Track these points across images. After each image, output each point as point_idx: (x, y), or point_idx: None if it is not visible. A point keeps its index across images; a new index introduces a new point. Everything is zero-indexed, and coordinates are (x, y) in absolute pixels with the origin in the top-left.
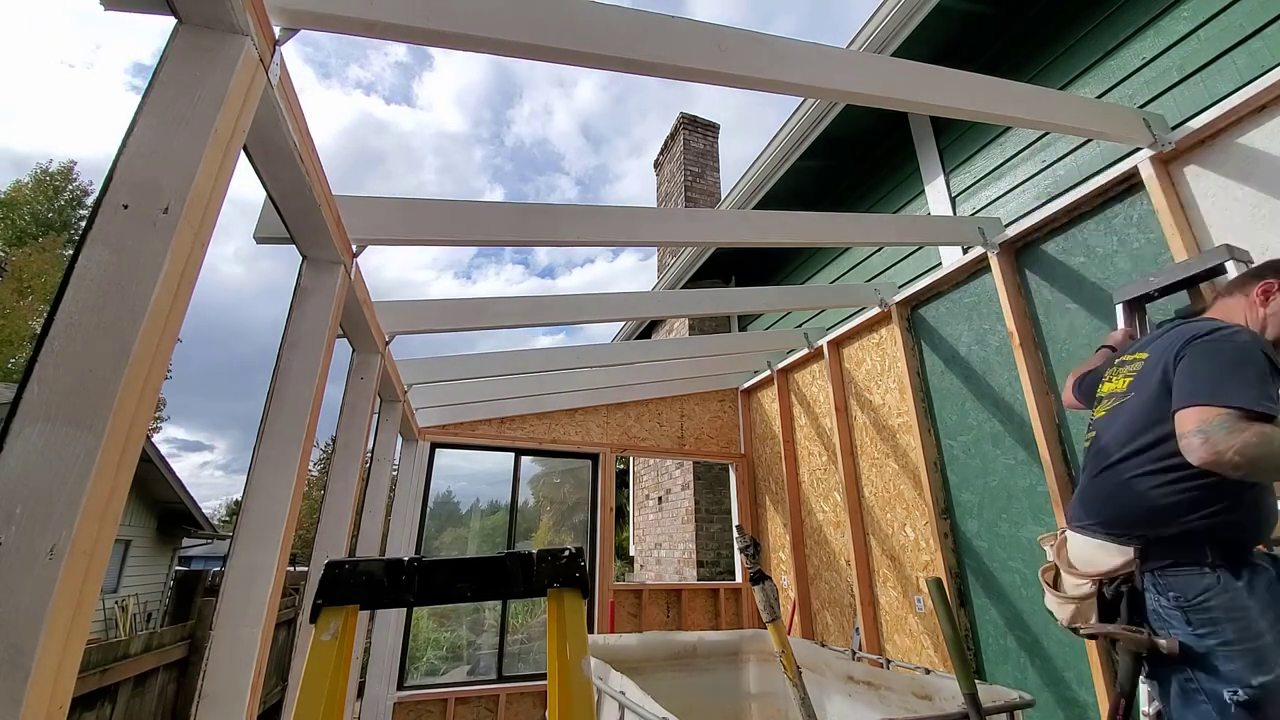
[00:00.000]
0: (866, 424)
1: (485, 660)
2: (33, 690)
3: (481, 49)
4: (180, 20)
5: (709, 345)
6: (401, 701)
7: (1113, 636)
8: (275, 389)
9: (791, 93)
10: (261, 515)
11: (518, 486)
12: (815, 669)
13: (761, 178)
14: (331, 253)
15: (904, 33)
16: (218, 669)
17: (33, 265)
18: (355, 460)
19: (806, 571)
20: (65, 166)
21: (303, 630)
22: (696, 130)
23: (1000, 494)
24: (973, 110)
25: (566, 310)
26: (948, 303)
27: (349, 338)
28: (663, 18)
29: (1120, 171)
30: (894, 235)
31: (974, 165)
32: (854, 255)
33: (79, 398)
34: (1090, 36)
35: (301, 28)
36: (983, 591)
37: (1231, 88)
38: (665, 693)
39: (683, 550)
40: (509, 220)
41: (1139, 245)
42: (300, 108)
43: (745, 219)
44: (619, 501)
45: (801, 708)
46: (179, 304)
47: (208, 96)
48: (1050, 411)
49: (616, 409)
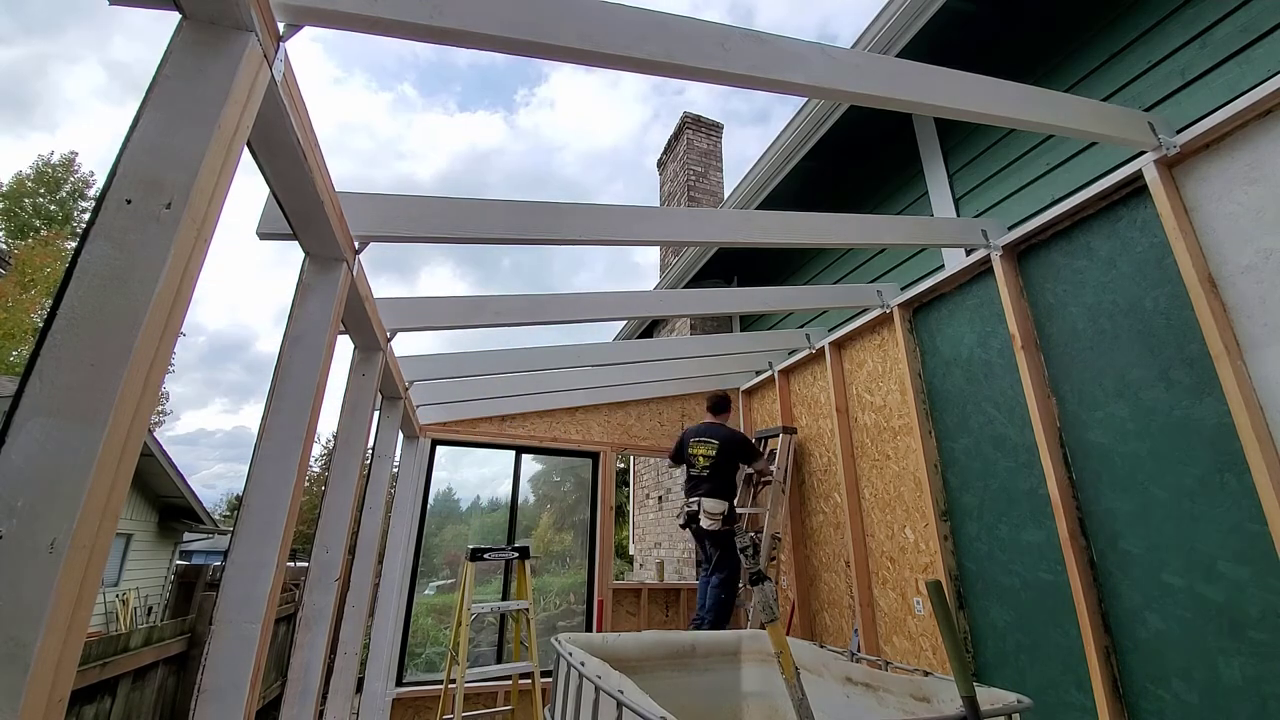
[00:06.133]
0: (867, 425)
1: (485, 659)
2: (32, 684)
3: (484, 46)
4: (185, 16)
5: (710, 345)
6: (400, 698)
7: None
8: (277, 385)
9: (795, 93)
10: (262, 511)
11: (518, 484)
12: (814, 670)
13: (765, 178)
14: (334, 249)
15: (908, 34)
16: (217, 664)
17: (36, 259)
18: (356, 456)
19: (806, 572)
20: (67, 158)
21: (303, 626)
22: (700, 130)
23: (1001, 497)
24: (976, 111)
25: (567, 309)
26: (950, 305)
27: (351, 334)
28: (666, 16)
29: (1124, 175)
30: (897, 236)
31: (978, 167)
32: (857, 256)
33: (81, 392)
34: (1095, 40)
35: (305, 24)
36: (982, 594)
37: (1236, 92)
38: (663, 692)
39: (682, 550)
40: (511, 218)
41: (1142, 249)
42: (304, 104)
43: (748, 219)
44: (619, 500)
45: (799, 709)
46: (181, 300)
47: (211, 92)
48: (1052, 415)
49: (618, 408)
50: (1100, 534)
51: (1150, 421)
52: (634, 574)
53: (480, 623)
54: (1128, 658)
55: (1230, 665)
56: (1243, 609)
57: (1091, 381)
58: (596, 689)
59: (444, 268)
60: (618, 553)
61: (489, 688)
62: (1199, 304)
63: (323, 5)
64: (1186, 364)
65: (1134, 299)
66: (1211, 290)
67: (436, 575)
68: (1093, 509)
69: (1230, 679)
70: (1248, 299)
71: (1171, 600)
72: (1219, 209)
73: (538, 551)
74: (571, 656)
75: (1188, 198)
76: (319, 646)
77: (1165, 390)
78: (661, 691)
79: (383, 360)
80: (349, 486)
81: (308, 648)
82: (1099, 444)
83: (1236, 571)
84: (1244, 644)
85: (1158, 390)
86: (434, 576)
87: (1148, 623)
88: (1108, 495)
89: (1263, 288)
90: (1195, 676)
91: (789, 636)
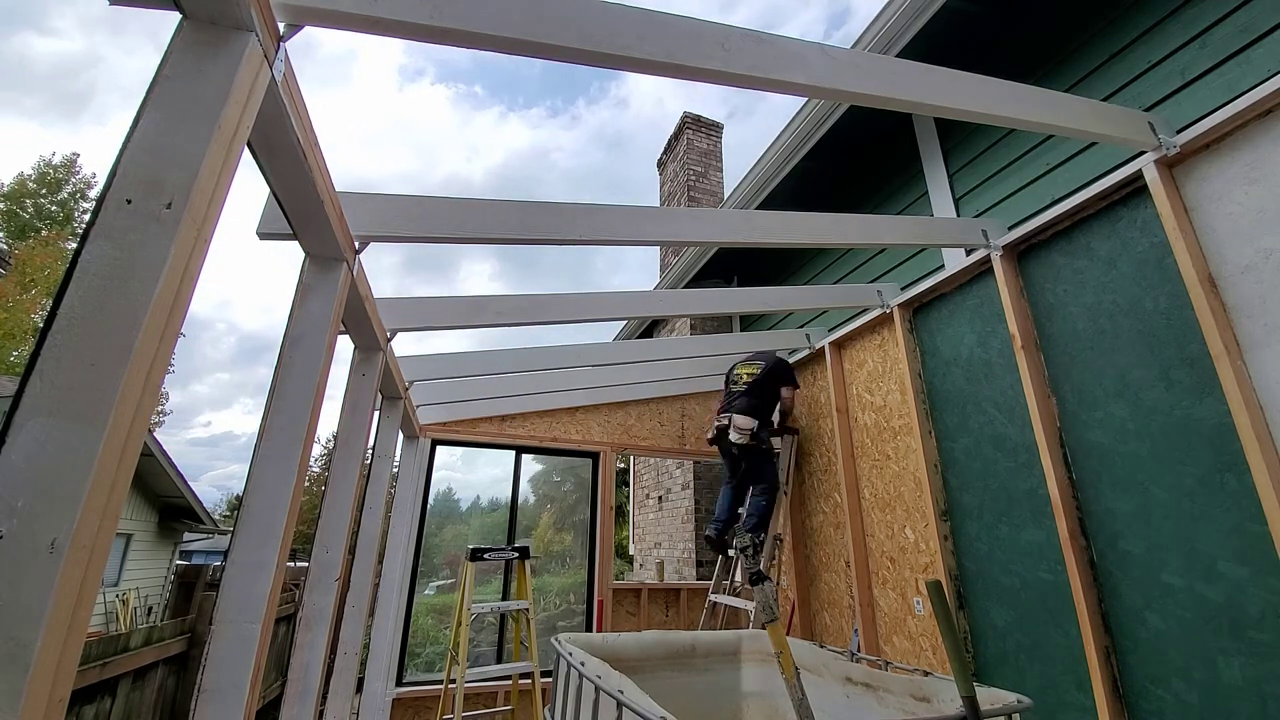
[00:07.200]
0: (867, 425)
1: (485, 659)
2: (33, 684)
3: (485, 46)
4: (185, 16)
5: (710, 345)
6: (400, 698)
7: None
8: (277, 385)
9: (795, 93)
10: (262, 511)
11: (518, 484)
12: (814, 670)
13: (765, 178)
14: (334, 249)
15: (908, 33)
16: (218, 664)
17: (36, 259)
18: (356, 457)
19: (806, 572)
20: (68, 159)
21: (303, 626)
22: (700, 130)
23: (1001, 496)
24: (976, 111)
25: (567, 309)
26: (950, 305)
27: (351, 334)
28: (667, 16)
29: (1124, 175)
30: (897, 236)
31: (978, 167)
32: (857, 256)
33: (81, 392)
34: (1095, 40)
35: (306, 24)
36: (982, 594)
37: (1236, 92)
38: (663, 692)
39: (682, 550)
40: (512, 218)
41: (1143, 249)
42: (304, 104)
43: (749, 219)
44: (619, 500)
45: (799, 709)
46: (181, 300)
47: (211, 92)
48: (1052, 415)
49: (617, 408)
50: (1100, 534)
51: (1150, 421)
52: (634, 574)
53: (480, 623)
54: (1128, 658)
55: (1230, 665)
56: (1243, 609)
57: (1092, 381)
58: (596, 689)
59: (484, 264)
60: (618, 553)
61: (489, 688)
62: (1199, 304)
63: (323, 5)
64: (1186, 364)
65: (1134, 299)
66: (1211, 290)
67: (436, 575)
68: (1093, 509)
69: (1230, 679)
70: (1248, 299)
71: (1171, 600)
72: (1219, 209)
73: (538, 551)
74: (571, 656)
75: (1188, 198)
76: (319, 646)
77: (1165, 390)
78: (661, 691)
79: (383, 360)
80: (349, 486)
81: (308, 648)
82: (1099, 444)
83: (1236, 571)
84: (1244, 644)
85: (1158, 390)
86: (434, 576)
87: (1148, 623)
88: (1108, 495)
89: (1263, 288)
90: (1195, 676)
91: (789, 636)
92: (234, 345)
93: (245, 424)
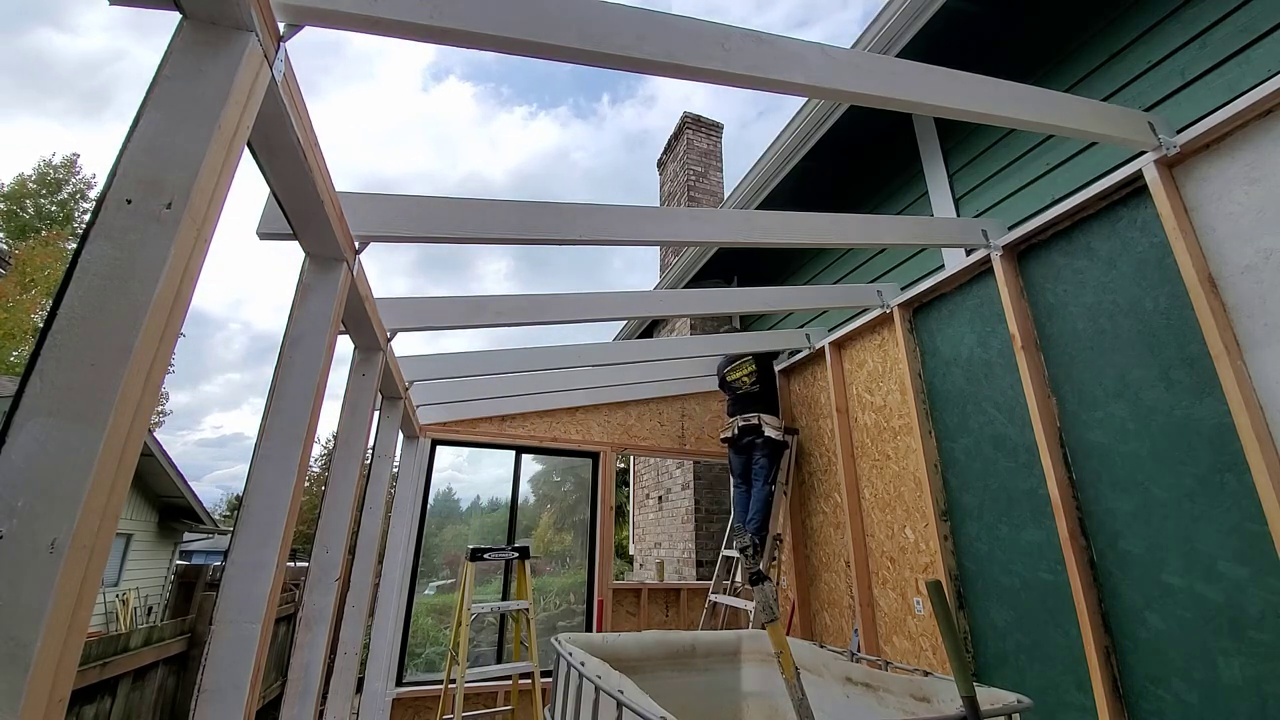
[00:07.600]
0: (867, 425)
1: (485, 659)
2: (33, 684)
3: (484, 46)
4: (185, 15)
5: (710, 345)
6: (400, 698)
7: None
8: (277, 385)
9: (795, 93)
10: (262, 511)
11: (518, 484)
12: (814, 670)
13: (765, 178)
14: (334, 249)
15: (908, 33)
16: (218, 664)
17: (36, 259)
18: (356, 457)
19: (806, 572)
20: (68, 159)
21: (303, 626)
22: (700, 130)
23: (1001, 496)
24: (976, 111)
25: (567, 309)
26: (950, 305)
27: (351, 334)
28: (667, 16)
29: (1124, 175)
30: (897, 236)
31: (978, 167)
32: (857, 256)
33: (81, 392)
34: (1095, 40)
35: (306, 24)
36: (982, 594)
37: (1236, 92)
38: (663, 692)
39: (682, 550)
40: (513, 218)
41: (1143, 249)
42: (304, 104)
43: (749, 219)
44: (619, 500)
45: (799, 708)
46: (181, 300)
47: (211, 92)
48: (1052, 415)
49: (618, 408)
50: (1100, 534)
51: (1150, 421)
52: (634, 574)
53: (480, 623)
54: (1128, 658)
55: (1230, 665)
56: (1243, 609)
57: (1092, 381)
58: (596, 689)
59: (499, 263)
60: (618, 553)
61: (489, 688)
62: (1199, 304)
63: (323, 5)
64: (1186, 364)
65: (1134, 299)
66: (1211, 290)
67: (436, 575)
68: (1093, 509)
69: (1230, 679)
70: (1248, 299)
71: (1171, 600)
72: (1219, 209)
73: (538, 551)
74: (571, 656)
75: (1188, 198)
76: (319, 646)
77: (1165, 390)
78: (661, 691)
79: (383, 360)
80: (349, 486)
81: (308, 648)
82: (1099, 444)
83: (1236, 571)
84: (1244, 644)
85: (1158, 390)
86: (434, 576)
87: (1148, 623)
88: (1108, 495)
89: (1263, 288)
90: (1195, 676)
91: (789, 636)
92: (245, 345)
93: (254, 425)
